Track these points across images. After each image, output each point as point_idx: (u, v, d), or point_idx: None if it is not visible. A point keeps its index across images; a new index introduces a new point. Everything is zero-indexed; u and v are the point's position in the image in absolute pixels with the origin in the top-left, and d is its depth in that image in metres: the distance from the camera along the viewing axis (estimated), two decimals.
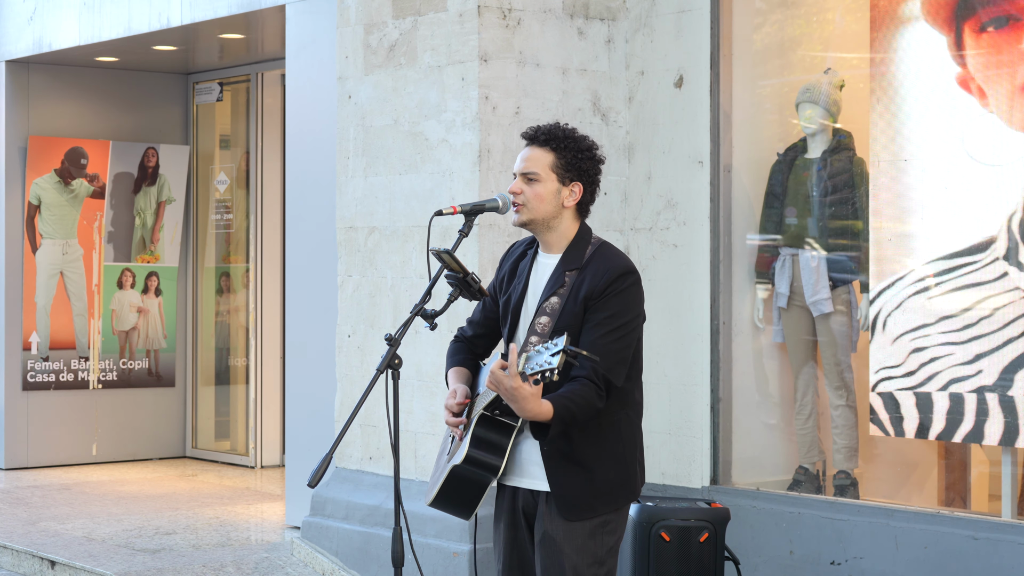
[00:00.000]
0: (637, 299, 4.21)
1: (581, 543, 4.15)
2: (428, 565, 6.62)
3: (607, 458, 4.18)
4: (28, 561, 7.75)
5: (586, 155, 4.26)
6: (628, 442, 4.22)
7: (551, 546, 4.16)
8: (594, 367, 4.06)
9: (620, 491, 4.21)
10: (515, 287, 4.34)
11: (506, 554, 4.32)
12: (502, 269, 4.43)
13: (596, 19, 7.10)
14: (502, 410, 4.16)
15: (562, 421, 4.04)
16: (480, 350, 4.50)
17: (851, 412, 6.78)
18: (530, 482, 4.23)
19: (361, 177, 7.32)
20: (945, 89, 6.13)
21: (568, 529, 4.15)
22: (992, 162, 5.98)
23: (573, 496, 4.15)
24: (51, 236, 10.89)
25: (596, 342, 4.09)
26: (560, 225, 4.27)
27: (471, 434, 4.18)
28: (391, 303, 7.16)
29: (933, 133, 6.18)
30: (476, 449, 4.16)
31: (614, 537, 4.22)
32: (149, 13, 9.57)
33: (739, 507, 6.57)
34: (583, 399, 4.06)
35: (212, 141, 11.46)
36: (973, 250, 6.04)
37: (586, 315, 4.14)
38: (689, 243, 6.92)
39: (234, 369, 11.16)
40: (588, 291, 4.15)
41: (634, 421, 4.25)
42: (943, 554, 5.97)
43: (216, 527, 8.39)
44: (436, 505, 4.29)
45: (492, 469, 4.17)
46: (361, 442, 7.34)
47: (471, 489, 4.20)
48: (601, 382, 4.08)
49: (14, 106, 10.82)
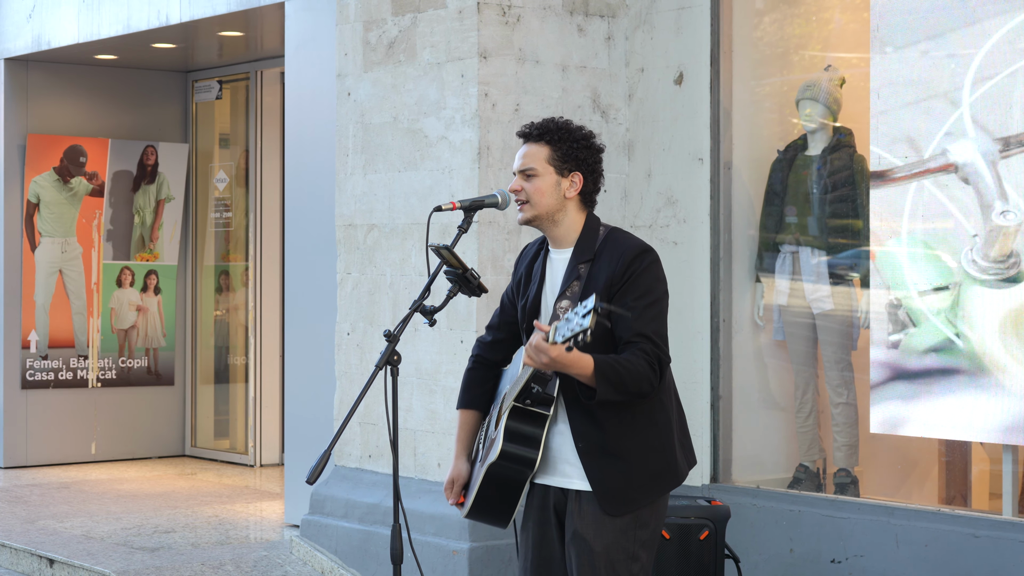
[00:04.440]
0: (659, 276, 4.17)
1: (612, 539, 4.10)
2: (427, 563, 6.61)
3: (644, 447, 4.12)
4: (27, 559, 7.74)
5: (582, 144, 4.23)
6: (663, 427, 4.15)
7: (582, 544, 4.11)
8: (643, 348, 4.01)
9: (661, 479, 4.15)
10: (531, 288, 4.29)
11: (534, 553, 4.26)
12: (517, 272, 4.38)
13: (596, 16, 7.09)
14: (533, 399, 4.12)
15: (606, 379, 3.96)
16: (500, 356, 4.43)
17: (851, 410, 6.77)
18: (562, 480, 4.18)
19: (360, 174, 7.31)
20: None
21: (599, 526, 4.09)
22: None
23: (614, 489, 4.09)
24: (50, 234, 10.88)
25: (635, 326, 4.04)
26: (565, 219, 4.23)
27: (503, 428, 4.13)
28: (390, 300, 7.15)
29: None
30: (511, 443, 4.11)
31: (647, 531, 4.15)
32: (148, 11, 9.56)
33: (739, 505, 6.56)
34: (631, 364, 4.00)
35: (211, 139, 11.45)
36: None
37: (612, 302, 4.08)
38: (689, 240, 6.91)
39: (233, 367, 11.15)
40: (608, 277, 4.10)
41: (667, 405, 4.17)
42: (944, 552, 5.97)
43: (215, 525, 8.38)
44: (473, 514, 4.25)
45: (528, 463, 4.12)
46: (360, 440, 7.33)
47: (509, 489, 4.15)
48: (654, 360, 4.02)
49: (13, 104, 10.80)
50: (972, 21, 6.00)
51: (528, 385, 4.10)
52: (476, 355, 4.47)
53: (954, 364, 6.03)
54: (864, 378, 6.47)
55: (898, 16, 6.19)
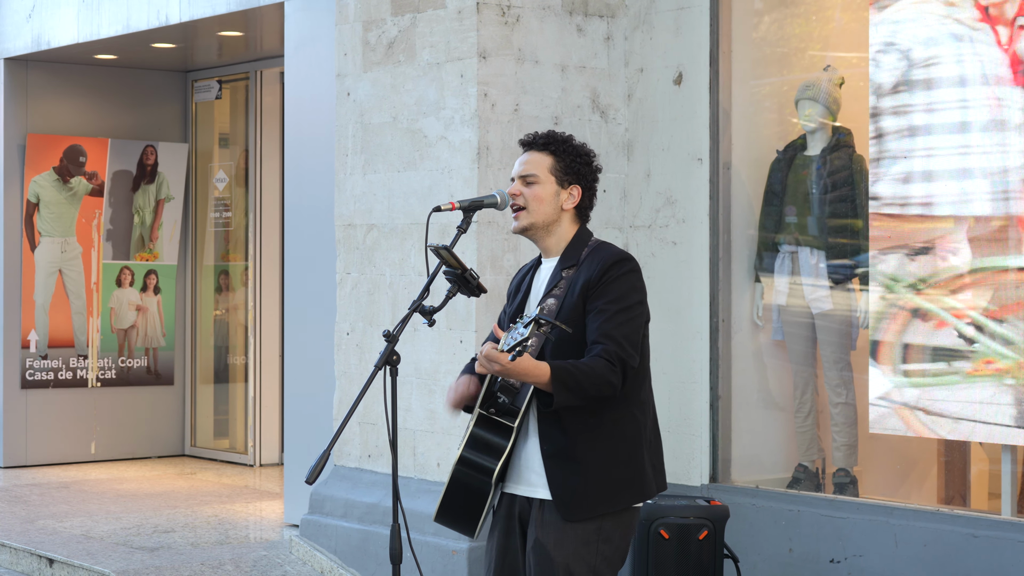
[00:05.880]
0: (636, 285, 4.19)
1: (573, 549, 4.10)
2: (427, 563, 6.61)
3: (609, 457, 4.13)
4: (26, 559, 7.75)
5: (584, 160, 4.31)
6: (632, 440, 4.16)
7: (541, 553, 4.12)
8: (605, 348, 4.03)
9: (624, 491, 4.15)
10: (518, 298, 4.36)
11: (497, 562, 4.29)
12: (510, 289, 4.46)
13: (595, 16, 7.09)
14: (498, 409, 4.15)
15: (563, 384, 3.98)
16: None
17: (851, 410, 6.77)
18: (527, 489, 4.20)
19: (360, 174, 7.31)
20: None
21: (560, 536, 4.10)
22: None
23: (571, 493, 4.11)
24: (50, 234, 10.88)
25: (601, 327, 4.07)
26: (558, 229, 4.30)
27: (468, 434, 4.17)
28: (390, 300, 7.15)
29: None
30: (471, 451, 4.15)
31: (610, 546, 4.14)
32: (148, 10, 9.56)
33: (738, 505, 6.56)
34: (587, 367, 4.02)
35: (211, 139, 11.45)
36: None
37: (586, 307, 4.12)
38: (688, 240, 6.91)
39: (233, 367, 11.16)
40: (585, 282, 4.15)
41: (640, 420, 4.19)
42: (943, 552, 5.97)
43: (215, 525, 8.39)
44: (440, 519, 4.26)
45: (487, 472, 4.14)
46: (360, 440, 7.33)
47: (472, 497, 4.16)
48: (614, 359, 4.04)
49: (13, 104, 10.81)
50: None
51: (493, 394, 4.11)
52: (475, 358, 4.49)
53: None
54: (863, 378, 6.47)
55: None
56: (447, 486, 4.20)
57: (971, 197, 5.99)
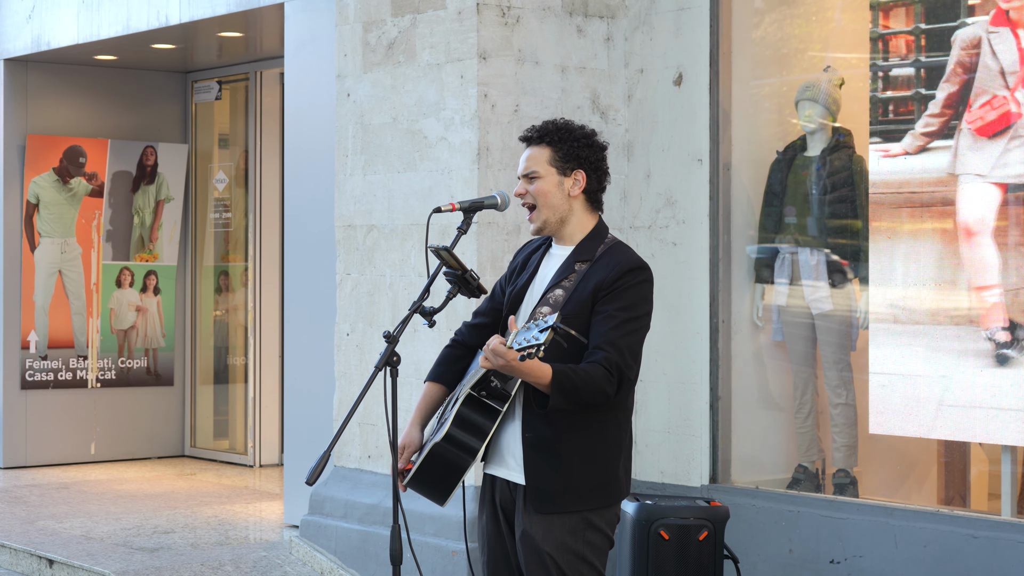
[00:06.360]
0: (648, 296, 4.20)
1: (561, 539, 4.12)
2: (427, 564, 6.61)
3: (587, 456, 4.13)
4: (26, 560, 7.74)
5: (583, 142, 4.27)
6: (613, 445, 4.17)
7: (530, 543, 4.14)
8: (607, 356, 4.03)
9: (596, 492, 4.16)
10: (522, 278, 4.33)
11: (490, 546, 4.32)
12: (514, 262, 4.42)
13: (595, 17, 7.09)
14: (489, 392, 4.15)
15: (561, 389, 3.99)
16: (480, 340, 4.42)
17: (850, 410, 6.77)
18: (507, 472, 4.22)
19: (360, 175, 7.31)
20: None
21: (547, 526, 4.12)
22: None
23: (545, 487, 4.12)
24: (49, 235, 10.88)
25: (607, 334, 4.07)
26: (572, 218, 4.27)
27: (455, 413, 4.16)
28: (390, 301, 7.15)
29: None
30: (458, 429, 4.15)
31: (599, 536, 4.17)
32: (148, 11, 9.56)
33: (738, 506, 6.56)
34: (587, 374, 4.02)
35: (211, 140, 11.45)
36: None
37: (595, 307, 4.11)
38: (688, 241, 6.91)
39: (233, 368, 11.16)
40: (598, 282, 4.12)
41: (623, 425, 4.20)
42: (942, 553, 5.97)
43: (215, 526, 8.38)
44: (413, 485, 4.27)
45: (471, 451, 4.15)
46: (360, 441, 7.33)
47: (449, 472, 4.18)
48: (613, 369, 4.04)
49: (12, 105, 10.81)
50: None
51: (487, 377, 4.12)
52: (456, 337, 4.51)
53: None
54: (863, 378, 6.47)
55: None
56: (425, 456, 4.21)
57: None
